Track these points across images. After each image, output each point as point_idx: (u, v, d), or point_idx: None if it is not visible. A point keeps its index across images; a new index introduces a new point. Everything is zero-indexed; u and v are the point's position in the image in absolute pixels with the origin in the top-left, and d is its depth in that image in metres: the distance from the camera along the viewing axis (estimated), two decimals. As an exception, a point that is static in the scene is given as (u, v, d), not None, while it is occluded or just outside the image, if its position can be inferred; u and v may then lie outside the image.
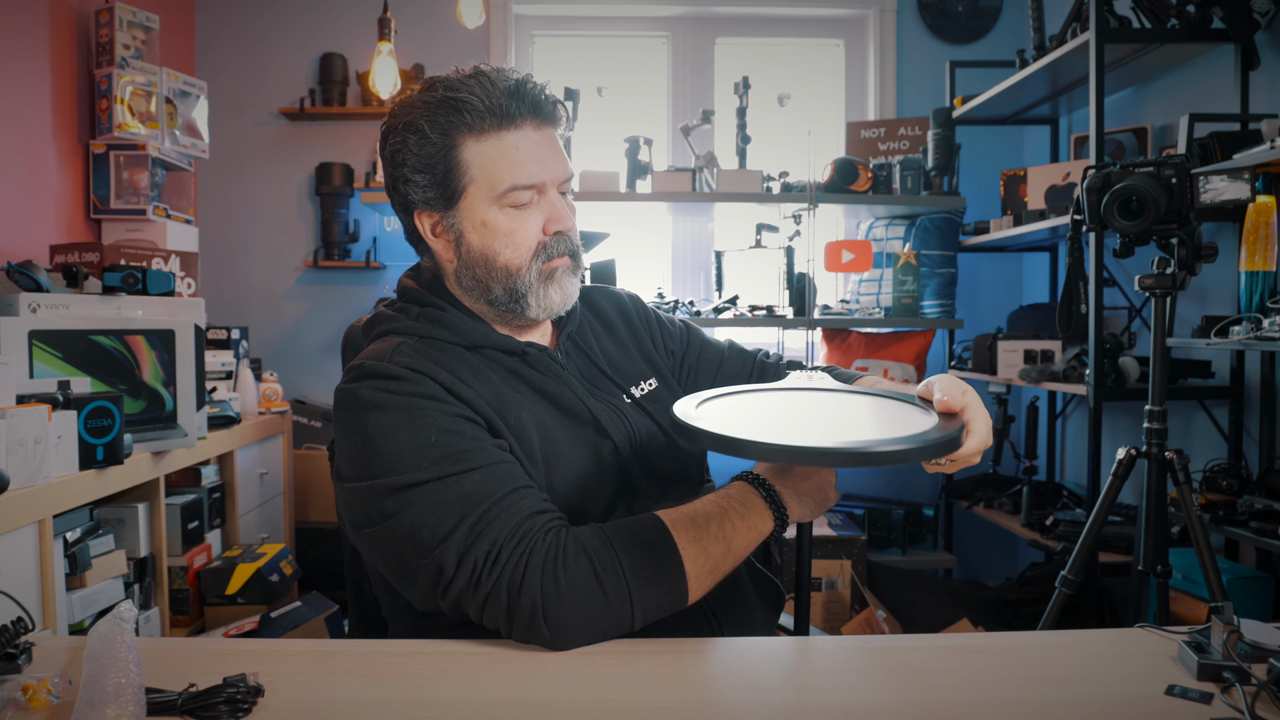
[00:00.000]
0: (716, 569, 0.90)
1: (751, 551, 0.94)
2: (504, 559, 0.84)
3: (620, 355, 1.15)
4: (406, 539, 0.87)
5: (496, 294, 1.02)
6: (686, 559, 0.88)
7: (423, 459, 0.88)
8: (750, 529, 0.93)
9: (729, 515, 0.92)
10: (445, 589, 0.86)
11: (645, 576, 0.86)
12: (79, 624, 1.71)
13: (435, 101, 0.97)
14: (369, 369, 0.94)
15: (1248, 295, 1.89)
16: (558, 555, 0.85)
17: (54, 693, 0.73)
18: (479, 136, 0.97)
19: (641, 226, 3.48)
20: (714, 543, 0.90)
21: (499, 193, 0.98)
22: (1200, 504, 2.03)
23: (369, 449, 0.89)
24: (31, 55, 2.48)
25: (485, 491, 0.87)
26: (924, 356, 2.95)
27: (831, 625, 2.58)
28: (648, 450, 1.08)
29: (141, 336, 1.94)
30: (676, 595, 0.88)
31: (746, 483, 0.97)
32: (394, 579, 0.92)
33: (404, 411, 0.90)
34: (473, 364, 0.99)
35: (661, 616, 0.89)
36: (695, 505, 0.93)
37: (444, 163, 0.98)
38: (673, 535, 0.88)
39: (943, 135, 2.98)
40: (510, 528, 0.86)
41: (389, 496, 0.88)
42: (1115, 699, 0.75)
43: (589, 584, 0.84)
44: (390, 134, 1.01)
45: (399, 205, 1.04)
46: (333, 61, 3.25)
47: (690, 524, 0.90)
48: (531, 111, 0.99)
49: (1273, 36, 2.23)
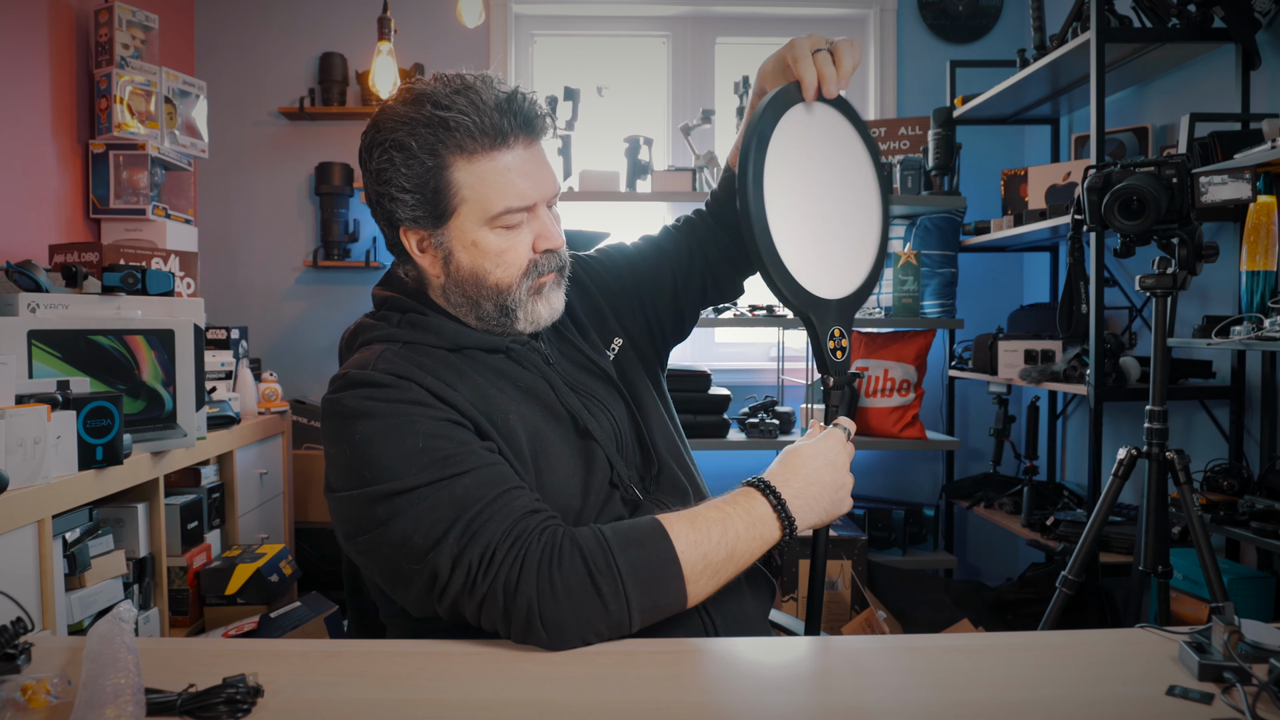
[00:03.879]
0: (718, 574, 0.90)
1: (758, 559, 0.94)
2: (499, 560, 0.84)
3: (590, 324, 1.15)
4: (399, 545, 0.87)
5: (486, 310, 1.01)
6: (685, 563, 0.87)
7: (411, 465, 0.87)
8: (755, 537, 0.92)
9: (731, 520, 0.91)
10: (441, 593, 0.86)
11: (642, 578, 0.85)
12: (78, 624, 1.71)
13: (423, 119, 0.94)
14: (353, 378, 0.93)
15: (1249, 295, 1.89)
16: (553, 556, 0.84)
17: (53, 693, 0.73)
18: (470, 157, 0.95)
19: (641, 226, 3.46)
20: (715, 549, 0.89)
21: (491, 215, 0.97)
22: (1201, 504, 2.03)
23: (357, 458, 0.89)
24: (31, 55, 2.48)
25: (476, 494, 0.87)
26: (924, 356, 2.95)
27: (832, 625, 2.58)
28: (634, 449, 1.08)
29: (141, 336, 1.94)
30: (674, 598, 0.87)
31: (753, 488, 0.95)
32: (389, 586, 0.92)
33: (390, 419, 0.90)
34: (458, 367, 0.99)
35: (660, 619, 0.88)
36: (698, 510, 0.92)
37: (433, 183, 0.96)
38: (671, 538, 0.88)
39: (943, 135, 2.98)
40: (504, 529, 0.86)
41: (379, 504, 0.87)
42: (1116, 699, 0.75)
43: (584, 585, 0.84)
44: (375, 149, 0.97)
45: (383, 219, 1.02)
46: (332, 61, 3.25)
47: (690, 528, 0.89)
48: (523, 128, 0.96)
49: (1274, 36, 2.23)
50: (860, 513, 3.05)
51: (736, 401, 3.04)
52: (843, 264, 1.01)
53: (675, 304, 1.22)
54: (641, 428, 1.10)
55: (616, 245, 1.28)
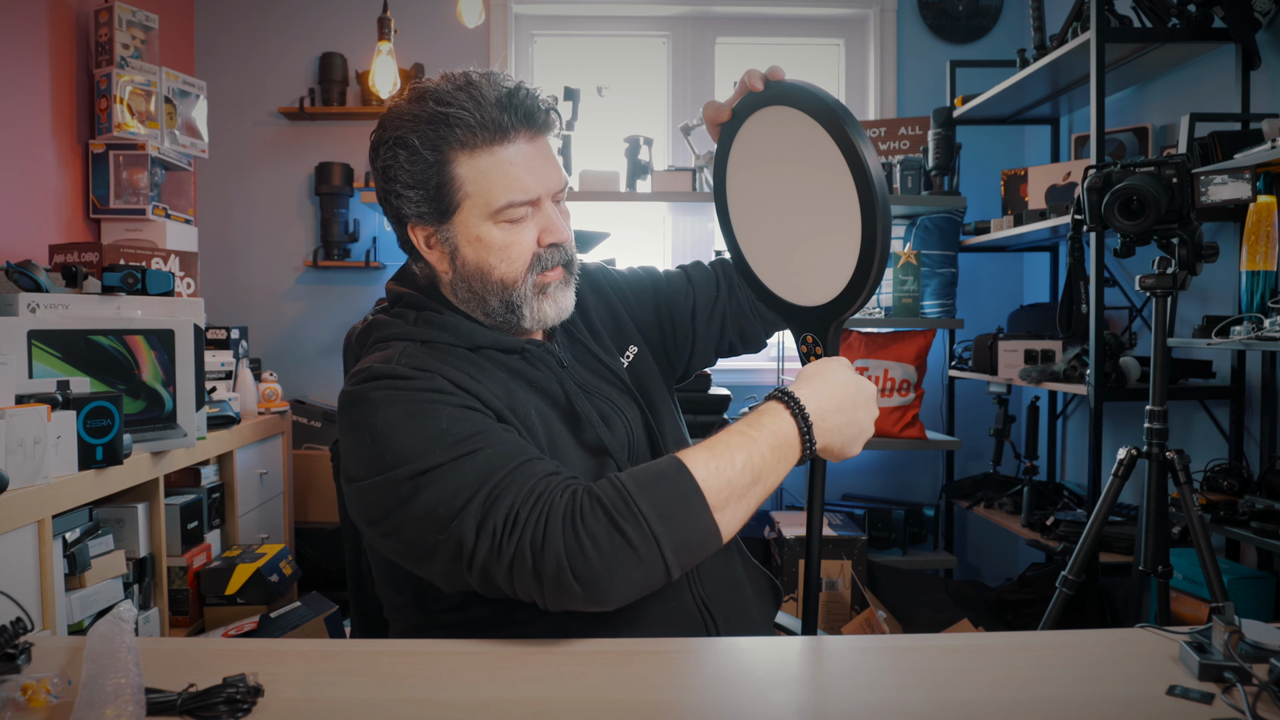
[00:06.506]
0: (745, 498, 0.87)
1: (783, 479, 0.91)
2: (523, 519, 0.83)
3: (604, 330, 1.16)
4: (423, 519, 0.86)
5: (493, 305, 1.02)
6: (708, 491, 0.84)
7: (434, 446, 0.87)
8: (780, 459, 0.89)
9: (750, 438, 0.88)
10: (470, 561, 0.85)
11: (665, 515, 0.83)
12: (78, 624, 1.71)
13: (425, 116, 0.95)
14: (376, 371, 0.93)
15: (1249, 295, 1.89)
16: (576, 509, 0.83)
17: (53, 693, 0.73)
18: (471, 152, 0.96)
19: (641, 226, 3.48)
20: (739, 474, 0.86)
21: (494, 209, 0.97)
22: (1201, 504, 2.03)
23: (379, 445, 0.89)
24: (31, 55, 2.48)
25: (499, 463, 0.87)
26: (924, 356, 2.95)
27: (832, 625, 2.58)
28: (646, 454, 1.08)
29: (141, 336, 1.94)
30: (704, 530, 0.84)
31: (775, 399, 0.92)
32: (416, 564, 0.91)
33: (413, 405, 0.90)
34: (477, 363, 0.99)
35: (697, 558, 0.86)
36: (719, 435, 0.90)
37: (437, 179, 0.97)
38: (689, 470, 0.85)
39: (943, 135, 2.98)
40: (526, 490, 0.85)
41: (403, 484, 0.87)
42: (1116, 699, 0.75)
43: (609, 533, 0.82)
44: (380, 147, 0.99)
45: (391, 216, 1.03)
46: (332, 61, 3.25)
47: (710, 455, 0.87)
48: (525, 122, 0.97)
49: (1274, 36, 2.23)
50: (860, 513, 3.05)
51: (736, 401, 3.04)
52: (811, 273, 0.99)
53: (693, 331, 1.22)
54: (655, 432, 1.10)
55: (645, 266, 1.29)
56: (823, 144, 0.92)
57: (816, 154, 0.93)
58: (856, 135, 0.90)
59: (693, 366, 1.25)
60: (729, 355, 1.28)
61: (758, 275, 1.07)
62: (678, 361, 1.24)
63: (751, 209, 1.05)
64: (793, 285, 1.03)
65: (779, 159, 1.00)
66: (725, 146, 1.05)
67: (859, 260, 0.93)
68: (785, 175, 0.99)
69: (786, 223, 1.01)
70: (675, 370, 1.25)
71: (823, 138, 0.92)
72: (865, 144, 0.90)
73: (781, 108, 0.96)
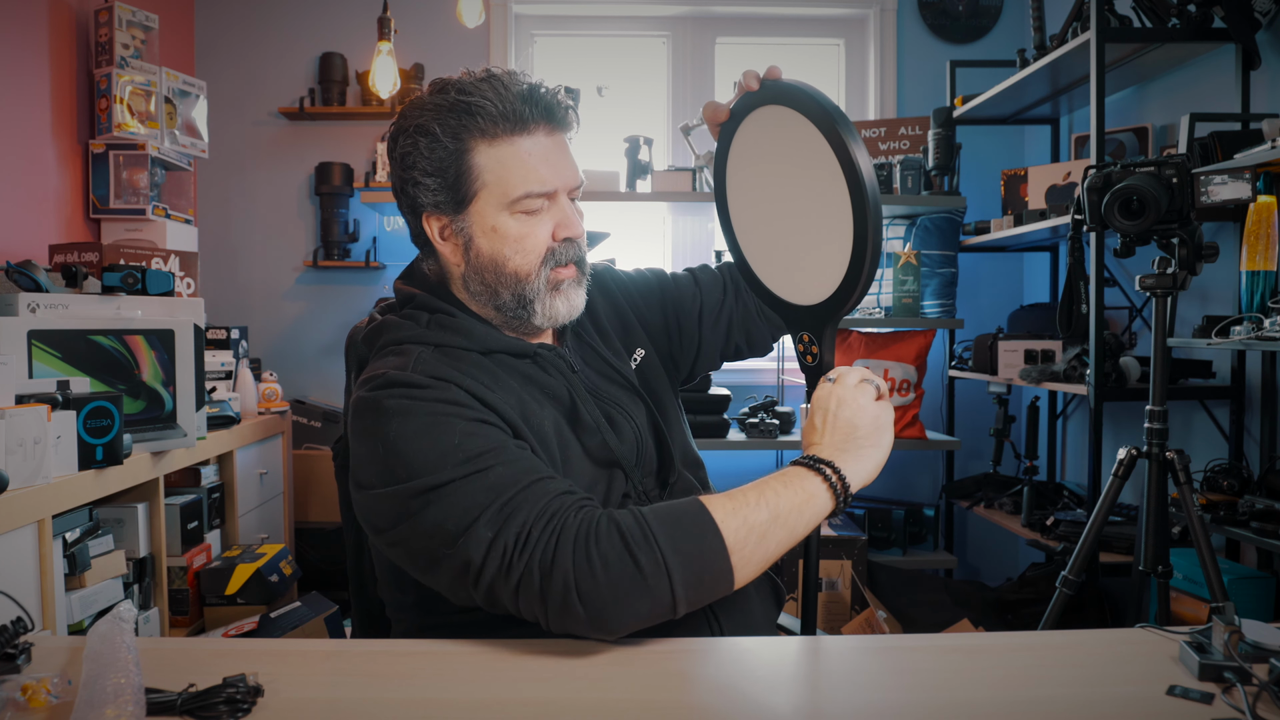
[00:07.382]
0: (764, 539, 0.86)
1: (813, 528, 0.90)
2: (534, 539, 0.83)
3: (613, 332, 1.16)
4: (431, 534, 0.86)
5: (505, 299, 1.01)
6: (726, 531, 0.84)
7: (446, 461, 0.87)
8: (795, 494, 0.89)
9: (768, 485, 0.89)
10: (477, 577, 0.84)
11: (682, 550, 0.82)
12: (78, 624, 1.71)
13: (447, 104, 0.96)
14: (392, 378, 0.93)
15: (1249, 295, 1.89)
16: (589, 531, 0.83)
17: (53, 693, 0.73)
18: (491, 141, 0.97)
19: (641, 226, 3.48)
20: (755, 512, 0.86)
21: (511, 199, 0.97)
22: (1201, 504, 2.03)
23: (391, 456, 0.88)
24: (31, 55, 2.48)
25: (510, 480, 0.86)
26: (924, 356, 2.95)
27: (832, 625, 2.58)
28: (654, 457, 1.09)
29: (141, 336, 1.94)
30: (718, 570, 0.84)
31: (794, 463, 0.93)
32: (421, 574, 0.91)
33: (427, 417, 0.89)
34: (491, 370, 0.99)
35: (707, 598, 0.85)
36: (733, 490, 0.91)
37: (455, 167, 0.97)
38: (709, 510, 0.85)
39: (943, 135, 2.98)
40: (539, 508, 0.85)
41: (413, 499, 0.87)
42: (1116, 699, 0.75)
43: (621, 559, 0.81)
44: (400, 135, 1.00)
45: (407, 207, 1.03)
46: (332, 61, 3.25)
47: (727, 499, 0.88)
48: (545, 116, 0.98)
49: (1274, 36, 2.23)
50: (860, 513, 3.05)
51: (736, 401, 3.04)
52: (806, 272, 1.00)
53: (699, 334, 1.22)
54: (664, 434, 1.10)
55: (652, 267, 1.29)
56: (817, 144, 0.92)
57: (811, 154, 0.94)
58: (848, 135, 0.90)
59: (698, 369, 1.25)
60: (735, 359, 1.28)
61: (756, 274, 1.08)
62: (683, 364, 1.24)
63: (750, 208, 1.07)
64: (789, 284, 1.04)
65: (776, 158, 1.00)
66: (725, 146, 1.06)
67: (850, 261, 0.94)
68: (782, 174, 1.00)
69: (783, 222, 1.02)
70: (680, 373, 1.25)
71: (817, 138, 0.92)
72: (857, 144, 0.90)
73: (778, 107, 0.97)
